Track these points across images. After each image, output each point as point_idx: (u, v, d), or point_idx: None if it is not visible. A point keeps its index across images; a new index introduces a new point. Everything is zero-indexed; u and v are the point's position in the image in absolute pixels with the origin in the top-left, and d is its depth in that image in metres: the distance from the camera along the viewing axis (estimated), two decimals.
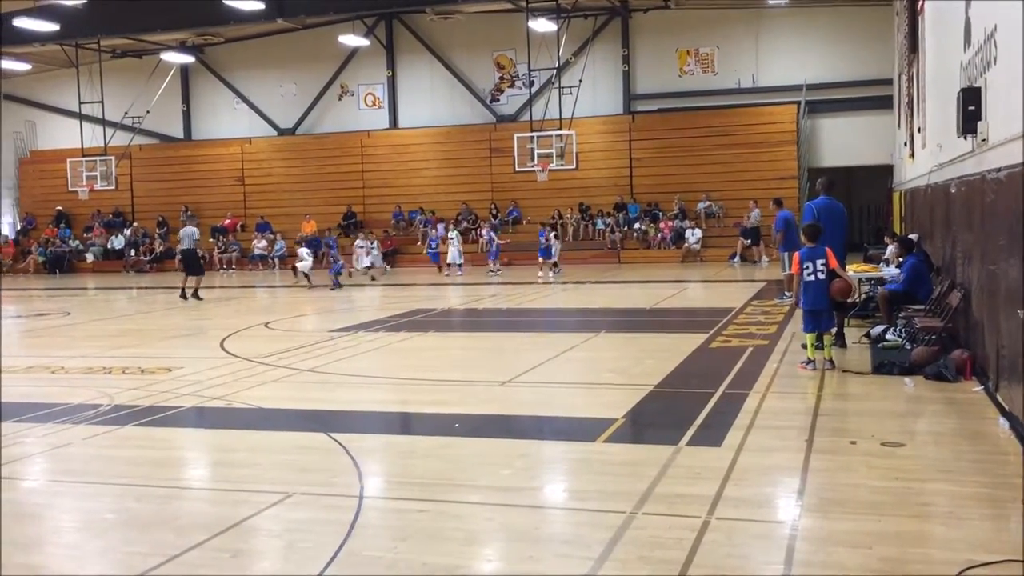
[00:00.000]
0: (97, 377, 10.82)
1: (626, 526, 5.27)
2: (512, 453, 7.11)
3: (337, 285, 21.57)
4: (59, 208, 34.71)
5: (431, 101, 32.22)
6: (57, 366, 11.78)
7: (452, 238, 25.25)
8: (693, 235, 28.38)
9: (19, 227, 36.07)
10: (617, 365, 10.81)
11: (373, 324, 15.38)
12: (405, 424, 8.60)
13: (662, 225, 29.08)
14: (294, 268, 23.44)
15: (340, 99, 33.24)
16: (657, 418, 8.32)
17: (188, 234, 20.39)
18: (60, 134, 34.93)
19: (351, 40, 30.59)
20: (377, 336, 13.98)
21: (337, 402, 9.28)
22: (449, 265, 25.12)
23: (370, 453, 7.30)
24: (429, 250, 26.99)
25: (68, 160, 31.24)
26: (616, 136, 30.61)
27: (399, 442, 7.89)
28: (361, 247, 24.47)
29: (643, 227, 29.31)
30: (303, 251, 23.12)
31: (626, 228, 29.57)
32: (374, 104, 32.93)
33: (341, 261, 23.15)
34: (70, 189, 31.37)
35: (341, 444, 7.34)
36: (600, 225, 29.83)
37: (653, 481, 6.08)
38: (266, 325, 15.53)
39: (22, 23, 26.45)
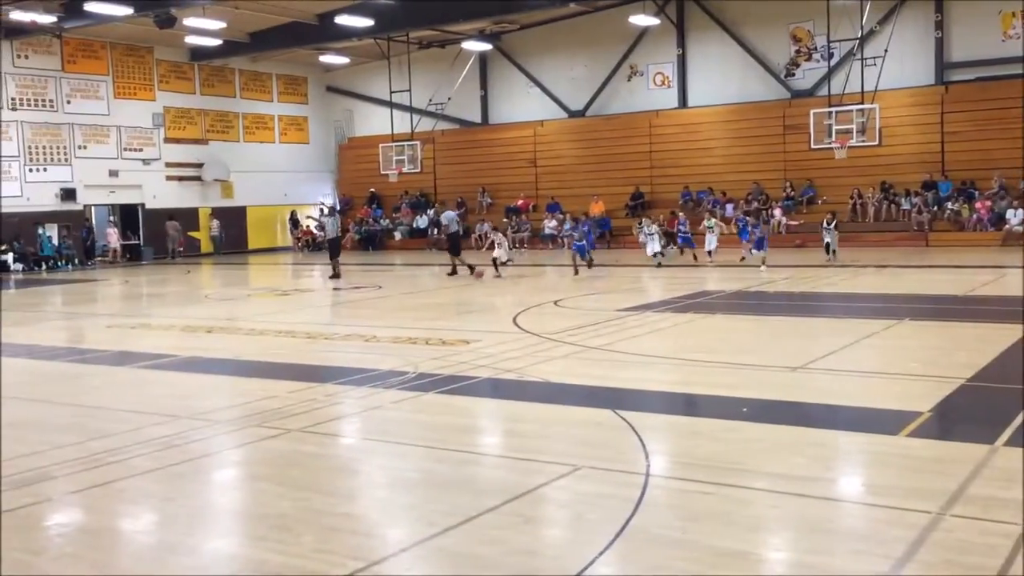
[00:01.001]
0: (404, 346, 11.69)
1: (932, 527, 4.92)
2: (803, 441, 6.85)
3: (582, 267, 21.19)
4: (372, 190, 37.74)
5: (722, 79, 31.50)
6: (370, 335, 12.85)
7: (653, 234, 22.82)
8: (1015, 216, 25.68)
9: (338, 207, 39.65)
10: (923, 355, 10.06)
11: (660, 305, 15.37)
12: (691, 405, 8.54)
13: (978, 205, 26.56)
14: (494, 261, 21.43)
15: (629, 79, 33.37)
16: (969, 414, 7.66)
17: (451, 218, 22.45)
18: (373, 121, 37.92)
19: (641, 20, 30.58)
20: (664, 316, 13.96)
21: (624, 380, 9.39)
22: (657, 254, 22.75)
23: (655, 432, 7.33)
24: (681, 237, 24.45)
25: (380, 145, 33.85)
26: (925, 109, 28.30)
27: (684, 423, 7.85)
28: (651, 235, 22.90)
29: (955, 207, 26.93)
30: (498, 237, 22.03)
31: (935, 208, 27.33)
32: (663, 83, 32.74)
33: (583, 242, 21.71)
34: (381, 172, 34.01)
35: (627, 422, 7.42)
36: (905, 205, 27.78)
37: (964, 481, 5.62)
38: (555, 303, 16.00)
39: (343, 20, 28.96)
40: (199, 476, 6.65)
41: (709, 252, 22.85)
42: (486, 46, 34.49)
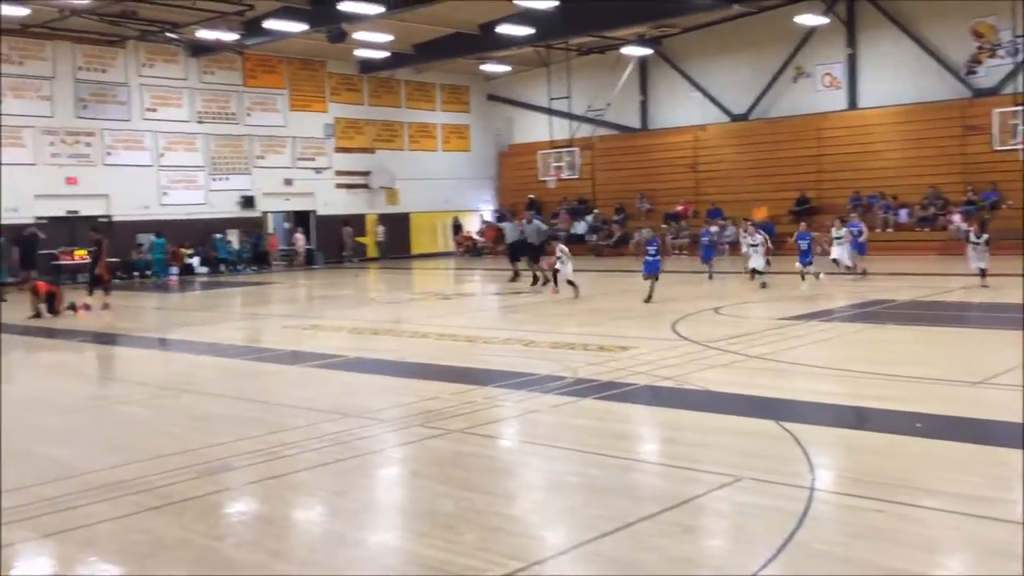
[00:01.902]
0: (562, 351, 11.77)
1: None
2: (984, 460, 6.48)
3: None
4: (531, 196, 38.15)
5: (894, 78, 30.08)
6: (529, 339, 13.01)
7: (756, 243, 19.58)
8: None
9: (498, 214, 40.30)
10: None
11: (826, 314, 14.85)
12: (858, 418, 8.21)
13: None
14: (555, 274, 18.86)
15: (795, 81, 32.36)
16: None
17: (535, 228, 22.40)
18: (532, 128, 38.35)
19: (808, 20, 29.59)
20: (830, 326, 13.48)
21: (786, 390, 9.14)
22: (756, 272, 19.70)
23: (820, 445, 7.10)
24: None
25: (538, 152, 34.17)
26: None
27: (851, 436, 7.56)
28: (754, 246, 19.66)
29: None
30: (562, 250, 18.38)
31: None
32: (831, 85, 31.57)
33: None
34: (540, 179, 34.33)
35: (791, 433, 7.23)
36: None
37: None
38: (715, 310, 15.71)
39: (504, 29, 29.46)
40: (366, 472, 6.93)
41: (835, 261, 20.36)
42: (646, 51, 34.25)
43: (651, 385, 9.51)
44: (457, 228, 38.50)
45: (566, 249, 18.30)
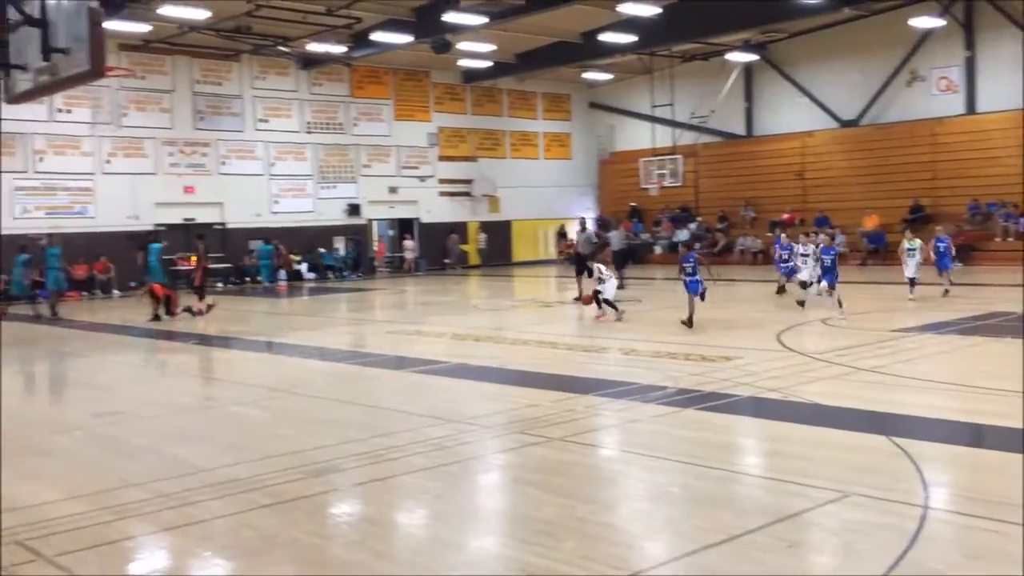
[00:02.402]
0: (663, 361, 11.67)
1: None
2: None
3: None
4: (633, 204, 37.93)
5: (1015, 81, 28.79)
6: (630, 348, 12.95)
7: (807, 254, 18.04)
8: None
9: (600, 221, 40.21)
10: None
11: (941, 326, 14.31)
12: (974, 435, 7.89)
13: None
14: (596, 295, 16.60)
15: (909, 85, 31.30)
16: None
17: (587, 237, 21.76)
18: (634, 136, 38.15)
19: (924, 22, 28.61)
20: (945, 339, 12.99)
21: (898, 405, 8.85)
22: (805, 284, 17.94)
23: (933, 461, 6.87)
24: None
25: (640, 160, 33.95)
26: None
27: (967, 454, 7.28)
28: (804, 255, 18.16)
29: None
30: (601, 268, 16.89)
31: None
32: (947, 89, 30.42)
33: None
34: (642, 186, 34.09)
35: (902, 449, 7.00)
36: None
37: None
38: (823, 321, 15.33)
39: (606, 37, 29.40)
40: (468, 477, 7.02)
41: (911, 281, 17.99)
42: (752, 56, 33.68)
43: (755, 396, 9.34)
44: (562, 235, 38.56)
45: (604, 268, 16.82)
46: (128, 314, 20.53)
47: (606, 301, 16.30)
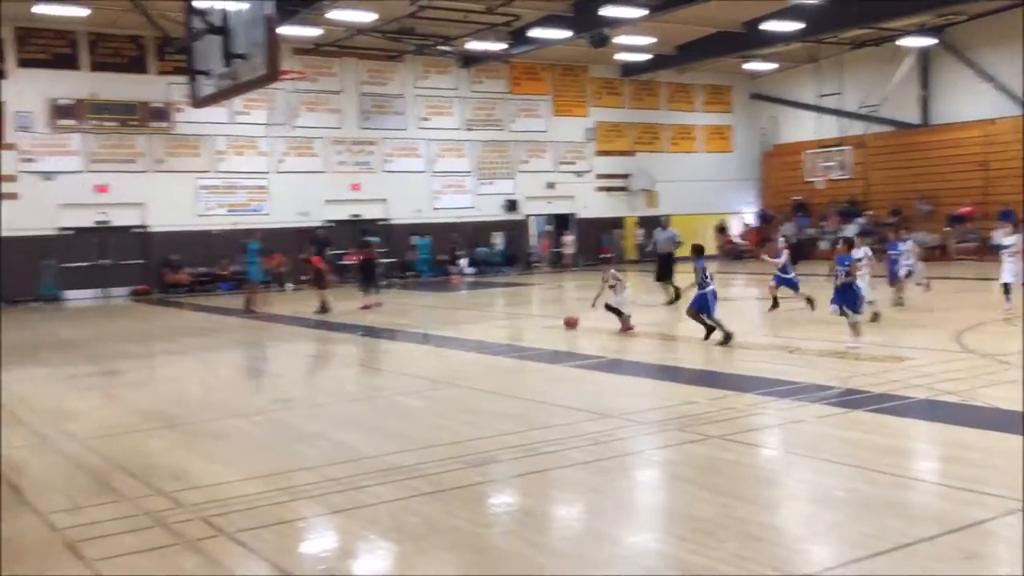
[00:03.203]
0: (830, 360, 11.25)
1: None
2: None
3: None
4: (796, 198, 36.71)
5: None
6: (794, 346, 12.55)
7: (906, 249, 16.52)
8: None
9: (762, 216, 39.14)
10: None
11: None
12: None
13: None
14: (607, 307, 14.93)
15: None
16: None
17: (669, 237, 20.00)
18: (798, 127, 36.89)
19: None
20: None
21: None
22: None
23: None
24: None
25: (805, 152, 32.81)
26: None
27: None
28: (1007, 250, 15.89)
29: None
30: (616, 276, 15.14)
31: None
32: None
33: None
34: (806, 180, 32.93)
35: None
36: None
37: None
38: (1006, 320, 14.39)
39: (769, 26, 28.54)
40: (625, 472, 6.99)
41: (1006, 287, 15.57)
42: (928, 41, 31.90)
43: (930, 399, 8.87)
44: (722, 230, 37.79)
45: (620, 275, 15.18)
46: (299, 306, 21.54)
47: (612, 308, 14.72)
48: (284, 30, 22.87)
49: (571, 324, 15.35)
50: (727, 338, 12.60)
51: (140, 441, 8.40)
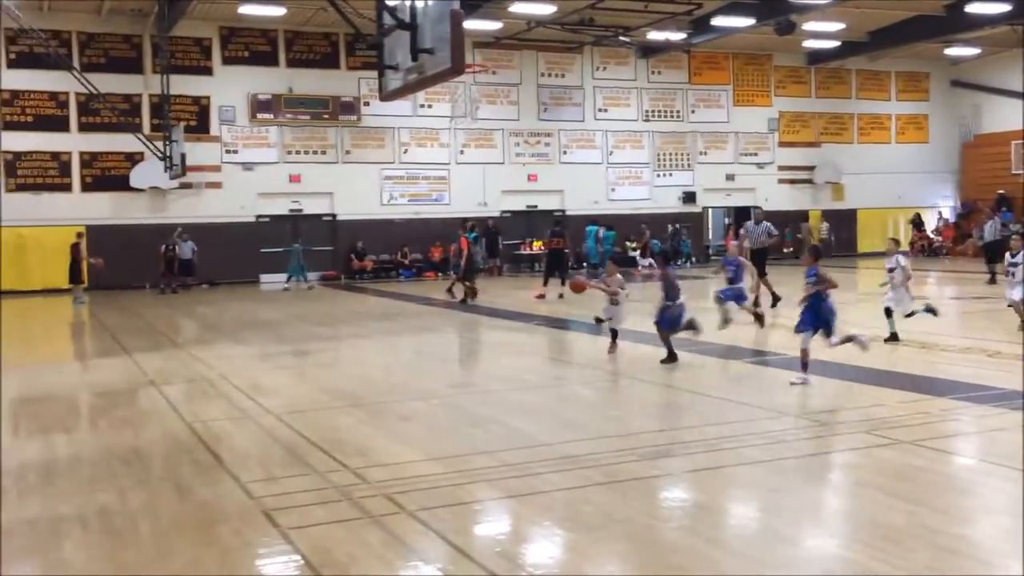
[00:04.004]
0: None
1: None
2: None
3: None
4: (1000, 191, 34.25)
5: None
6: (995, 350, 11.75)
7: (892, 267, 13.06)
8: None
9: (959, 211, 36.81)
10: None
11: None
12: None
13: None
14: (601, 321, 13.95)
15: None
16: None
17: (764, 230, 18.44)
18: (1004, 116, 34.34)
19: None
20: None
21: None
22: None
23: None
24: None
25: (1012, 143, 30.57)
26: None
27: None
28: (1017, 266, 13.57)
29: None
30: (620, 282, 12.51)
31: None
32: None
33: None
34: (1013, 172, 30.67)
35: None
36: None
37: None
38: None
39: (974, 8, 26.71)
40: (807, 473, 6.77)
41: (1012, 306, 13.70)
42: None
43: None
44: (918, 225, 35.81)
45: (621, 277, 12.63)
46: (491, 295, 21.99)
47: (599, 319, 13.27)
48: (467, 24, 23.38)
49: (578, 288, 13.46)
50: (671, 357, 11.37)
51: (329, 418, 8.84)
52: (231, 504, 6.16)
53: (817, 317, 9.96)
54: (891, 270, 12.94)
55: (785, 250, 34.47)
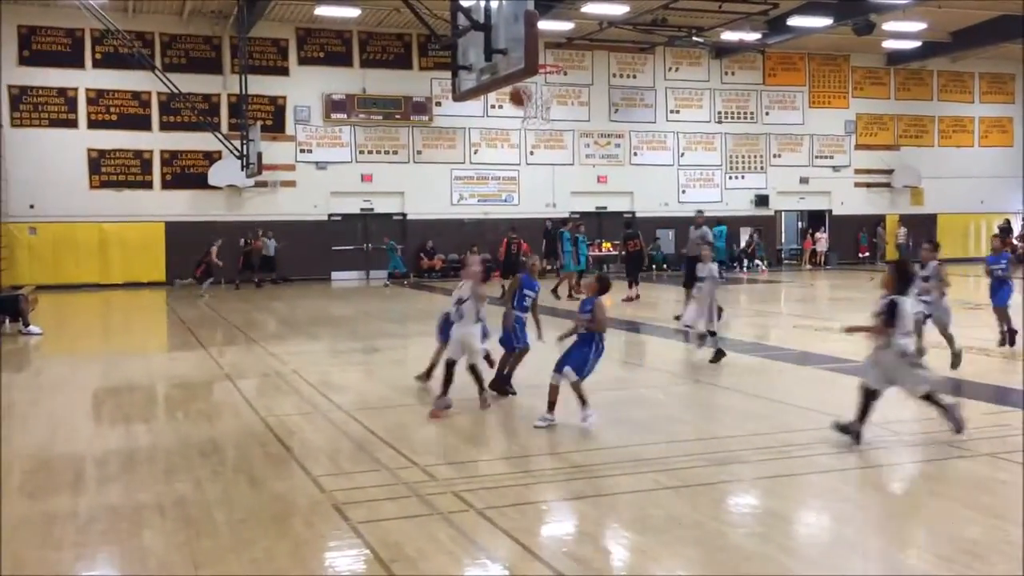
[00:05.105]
0: None
1: None
2: None
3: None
4: None
5: None
6: None
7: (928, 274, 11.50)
8: None
9: None
10: None
11: None
12: None
13: None
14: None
15: None
16: None
17: (701, 235, 17.26)
18: None
19: None
20: None
21: None
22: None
23: None
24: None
25: None
26: None
27: None
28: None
29: None
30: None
31: None
32: None
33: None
34: None
35: None
36: None
37: None
38: None
39: None
40: (881, 483, 6.63)
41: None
42: None
43: None
44: (1006, 231, 34.76)
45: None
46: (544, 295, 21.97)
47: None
48: (540, 25, 23.41)
49: (517, 98, 11.88)
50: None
51: (397, 415, 8.94)
52: (303, 497, 6.27)
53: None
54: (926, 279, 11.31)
55: (861, 255, 33.79)
